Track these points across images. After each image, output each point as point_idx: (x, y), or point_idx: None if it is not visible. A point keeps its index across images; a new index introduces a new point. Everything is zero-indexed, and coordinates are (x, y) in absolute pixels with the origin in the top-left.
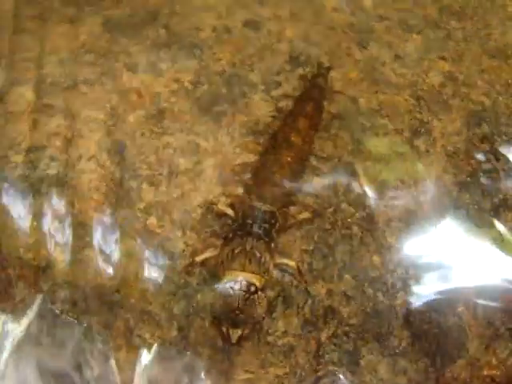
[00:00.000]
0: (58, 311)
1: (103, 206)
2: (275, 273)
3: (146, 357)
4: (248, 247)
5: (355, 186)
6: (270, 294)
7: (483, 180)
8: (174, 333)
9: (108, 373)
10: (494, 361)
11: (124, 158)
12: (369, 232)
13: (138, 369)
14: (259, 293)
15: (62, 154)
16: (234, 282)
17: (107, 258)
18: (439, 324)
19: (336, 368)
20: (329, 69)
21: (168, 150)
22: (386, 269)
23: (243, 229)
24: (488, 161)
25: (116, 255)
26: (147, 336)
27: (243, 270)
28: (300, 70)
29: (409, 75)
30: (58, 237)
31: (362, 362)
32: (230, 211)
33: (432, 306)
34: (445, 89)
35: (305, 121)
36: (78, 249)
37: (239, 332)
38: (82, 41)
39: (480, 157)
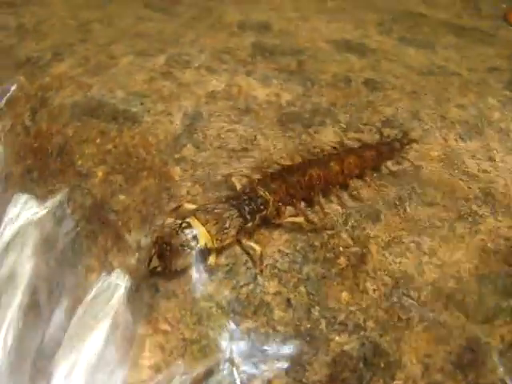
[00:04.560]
0: (69, 210)
1: (152, 148)
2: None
3: None
4: (225, 215)
5: (367, 226)
6: (222, 259)
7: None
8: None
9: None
10: None
11: (192, 124)
12: (353, 268)
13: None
14: (193, 250)
15: (151, 103)
16: (187, 227)
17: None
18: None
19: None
20: (412, 141)
21: (230, 133)
22: (346, 309)
23: (236, 200)
24: None
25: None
26: (116, 264)
27: (203, 224)
28: (387, 130)
29: (492, 173)
30: (112, 160)
31: None
32: (239, 187)
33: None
34: None
35: (355, 158)
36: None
37: (156, 263)
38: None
39: None
